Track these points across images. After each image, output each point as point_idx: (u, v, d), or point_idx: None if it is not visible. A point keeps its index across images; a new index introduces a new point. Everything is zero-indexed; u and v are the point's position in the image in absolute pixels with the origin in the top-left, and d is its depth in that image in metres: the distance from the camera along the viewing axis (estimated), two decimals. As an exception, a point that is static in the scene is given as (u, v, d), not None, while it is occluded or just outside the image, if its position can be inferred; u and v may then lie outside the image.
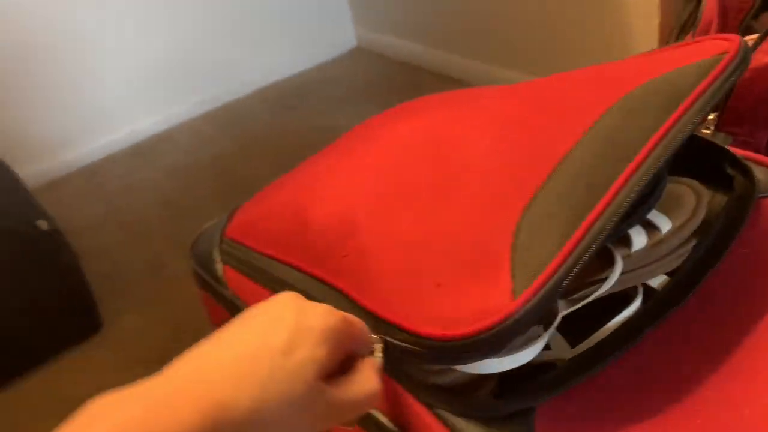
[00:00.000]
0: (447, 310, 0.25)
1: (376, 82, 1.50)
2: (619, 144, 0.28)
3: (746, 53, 0.31)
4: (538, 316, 0.24)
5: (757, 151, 0.53)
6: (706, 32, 0.53)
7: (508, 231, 0.27)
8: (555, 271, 0.24)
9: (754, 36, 0.49)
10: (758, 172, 0.40)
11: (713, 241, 0.31)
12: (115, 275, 1.01)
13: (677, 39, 0.57)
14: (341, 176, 0.37)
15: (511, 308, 0.23)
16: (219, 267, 0.40)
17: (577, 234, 0.25)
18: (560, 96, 0.35)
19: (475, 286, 0.25)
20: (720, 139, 0.53)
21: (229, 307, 0.40)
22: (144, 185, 1.26)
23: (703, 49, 0.33)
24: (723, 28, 0.53)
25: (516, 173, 0.29)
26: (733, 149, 0.51)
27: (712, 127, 0.53)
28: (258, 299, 0.26)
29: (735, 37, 0.32)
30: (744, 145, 0.53)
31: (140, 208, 1.18)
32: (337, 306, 0.25)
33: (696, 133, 0.34)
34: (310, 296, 0.27)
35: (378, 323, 0.27)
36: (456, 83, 1.33)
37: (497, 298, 0.24)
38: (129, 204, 1.21)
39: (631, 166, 0.27)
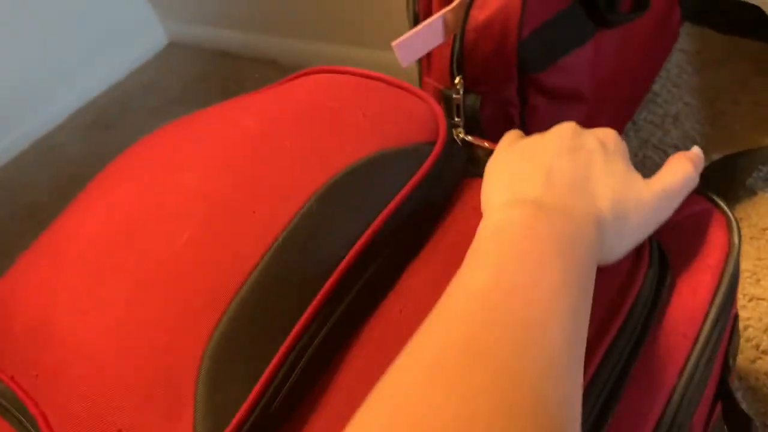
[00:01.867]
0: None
1: (195, 79, 1.40)
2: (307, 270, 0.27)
3: (453, 148, 0.33)
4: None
5: (508, 102, 0.52)
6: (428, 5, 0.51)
7: (195, 357, 0.24)
8: (246, 416, 0.22)
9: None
10: (480, 153, 0.40)
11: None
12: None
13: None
14: (52, 257, 0.32)
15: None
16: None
17: (269, 370, 0.23)
18: (271, 161, 0.32)
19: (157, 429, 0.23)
20: (471, 100, 0.51)
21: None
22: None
23: (414, 122, 0.33)
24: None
25: (209, 279, 0.27)
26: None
27: (462, 90, 0.51)
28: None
29: (441, 118, 0.34)
30: (495, 102, 0.52)
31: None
32: None
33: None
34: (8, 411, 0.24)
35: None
36: (270, 64, 1.27)
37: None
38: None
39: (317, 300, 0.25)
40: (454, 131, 0.37)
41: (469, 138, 0.42)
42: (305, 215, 0.28)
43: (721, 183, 0.59)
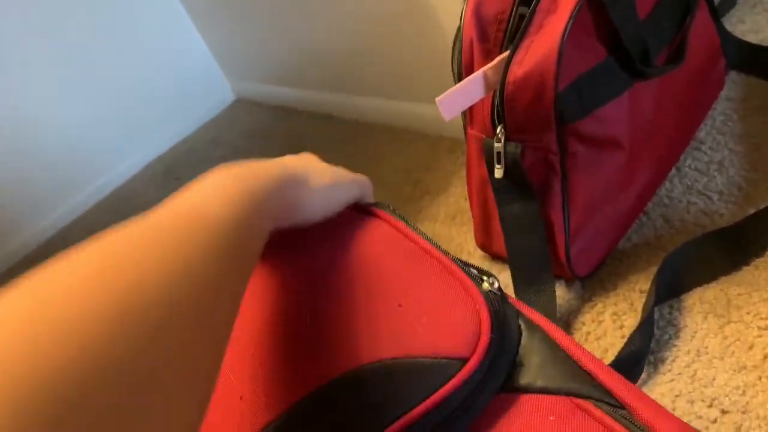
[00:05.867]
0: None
1: (258, 133, 1.50)
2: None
3: (491, 370, 0.31)
4: None
5: (548, 150, 0.55)
6: (470, 54, 0.55)
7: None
8: None
9: (506, 54, 0.51)
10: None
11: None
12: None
13: (452, 62, 0.58)
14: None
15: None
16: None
17: None
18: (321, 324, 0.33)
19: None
20: (512, 148, 0.54)
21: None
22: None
23: (451, 330, 0.31)
24: (484, 42, 0.54)
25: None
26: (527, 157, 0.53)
27: (503, 138, 0.55)
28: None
29: (485, 325, 0.31)
30: (536, 150, 0.55)
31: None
32: None
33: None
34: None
35: None
36: (327, 118, 1.35)
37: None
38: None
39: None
40: (486, 283, 0.34)
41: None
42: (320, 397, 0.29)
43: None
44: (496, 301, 0.34)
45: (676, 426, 0.31)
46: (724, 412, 0.49)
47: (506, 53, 0.51)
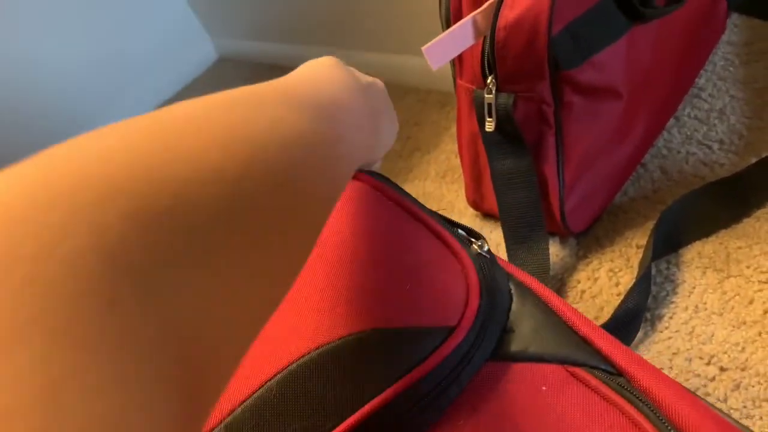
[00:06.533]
0: None
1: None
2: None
3: (478, 338, 0.29)
4: None
5: (541, 100, 0.52)
6: (458, 0, 0.51)
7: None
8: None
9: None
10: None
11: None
12: None
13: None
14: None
15: None
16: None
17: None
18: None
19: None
20: (503, 99, 0.51)
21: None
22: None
23: (438, 298, 0.29)
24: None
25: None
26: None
27: (494, 89, 0.52)
28: None
29: (474, 295, 0.29)
30: (528, 101, 0.52)
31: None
32: None
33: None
34: None
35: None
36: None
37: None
38: None
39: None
40: (475, 246, 0.32)
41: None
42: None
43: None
44: (485, 264, 0.31)
45: (676, 391, 0.29)
46: (722, 369, 0.47)
47: (495, -5, 0.47)
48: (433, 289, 0.30)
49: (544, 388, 0.29)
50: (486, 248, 0.32)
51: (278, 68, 1.43)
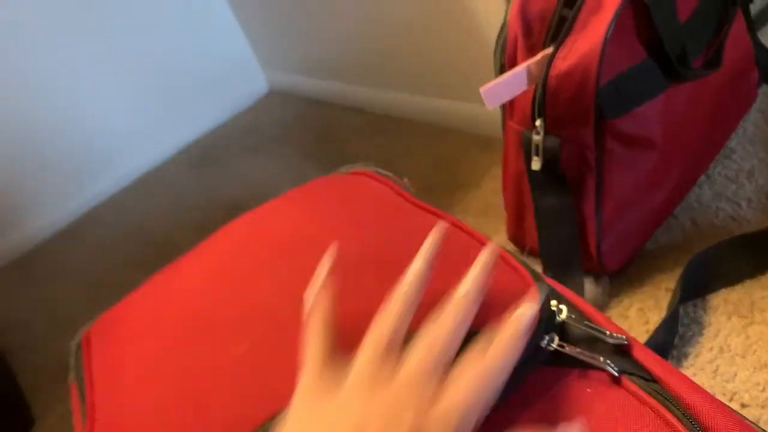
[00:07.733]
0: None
1: (292, 124, 1.53)
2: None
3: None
4: None
5: (585, 146, 0.57)
6: (514, 48, 0.57)
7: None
8: None
9: (550, 49, 0.54)
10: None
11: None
12: (46, 369, 1.00)
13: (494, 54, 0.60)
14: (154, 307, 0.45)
15: None
16: (70, 380, 0.42)
17: None
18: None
19: None
20: (551, 141, 0.56)
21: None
22: (71, 269, 1.26)
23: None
24: (528, 37, 0.56)
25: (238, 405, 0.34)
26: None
27: (542, 132, 0.57)
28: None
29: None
30: (572, 145, 0.57)
31: (69, 294, 1.18)
32: None
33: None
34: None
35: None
36: (361, 113, 1.37)
37: None
38: (58, 292, 1.20)
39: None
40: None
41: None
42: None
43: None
44: (541, 280, 0.36)
45: (707, 399, 0.32)
46: (743, 405, 0.50)
47: (550, 49, 0.53)
48: (501, 299, 0.33)
49: (588, 390, 0.33)
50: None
51: (324, 104, 1.51)
